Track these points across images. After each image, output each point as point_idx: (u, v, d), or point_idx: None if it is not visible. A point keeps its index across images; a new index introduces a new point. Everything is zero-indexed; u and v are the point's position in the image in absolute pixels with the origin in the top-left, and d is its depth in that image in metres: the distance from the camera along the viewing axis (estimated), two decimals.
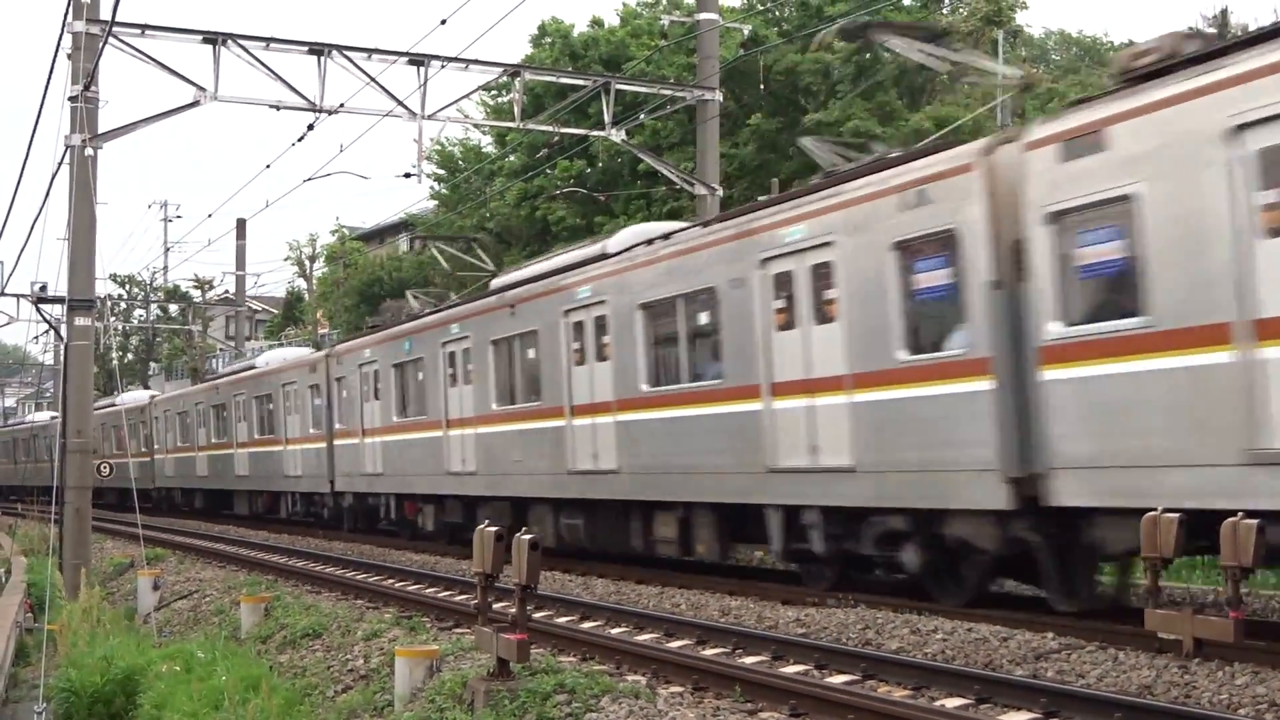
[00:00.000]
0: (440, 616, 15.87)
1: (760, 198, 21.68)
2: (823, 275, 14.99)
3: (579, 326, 20.12)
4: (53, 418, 52.02)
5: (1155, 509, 10.74)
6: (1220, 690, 9.65)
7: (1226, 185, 10.73)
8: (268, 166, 31.21)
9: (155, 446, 49.78)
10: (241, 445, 38.92)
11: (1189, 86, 11.09)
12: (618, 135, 27.96)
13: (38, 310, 35.44)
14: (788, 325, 15.58)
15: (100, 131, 24.58)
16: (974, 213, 12.90)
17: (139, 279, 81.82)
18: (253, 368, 39.57)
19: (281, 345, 68.67)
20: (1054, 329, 12.20)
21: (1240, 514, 10.18)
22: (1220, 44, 11.71)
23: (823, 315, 15.01)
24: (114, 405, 54.73)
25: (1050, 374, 12.23)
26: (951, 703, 9.82)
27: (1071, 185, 11.93)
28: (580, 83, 29.83)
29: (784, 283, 15.74)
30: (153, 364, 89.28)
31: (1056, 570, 12.91)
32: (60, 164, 25.24)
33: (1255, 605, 14.04)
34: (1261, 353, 10.53)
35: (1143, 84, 11.62)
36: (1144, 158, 11.35)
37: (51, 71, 35.20)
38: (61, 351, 31.14)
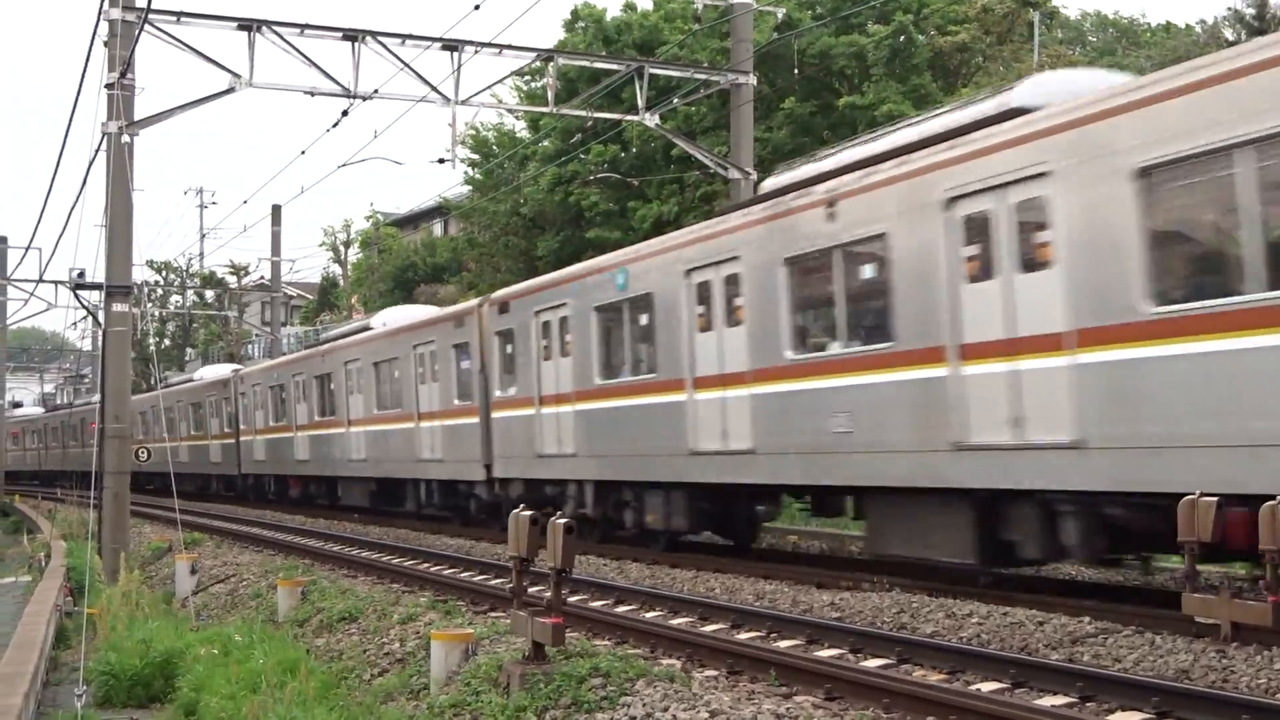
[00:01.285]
0: (476, 600, 15.93)
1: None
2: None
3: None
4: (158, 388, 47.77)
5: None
6: (1259, 674, 9.59)
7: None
8: (303, 153, 31.35)
9: (242, 427, 44.08)
10: (356, 423, 32.91)
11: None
12: (651, 120, 27.90)
13: (76, 297, 35.74)
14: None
15: (137, 119, 24.68)
16: None
17: (175, 265, 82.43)
18: (367, 328, 33.82)
19: (318, 329, 69.03)
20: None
21: (1278, 498, 10.11)
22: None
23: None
24: (191, 381, 52.62)
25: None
26: (987, 687, 9.80)
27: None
28: (613, 67, 29.78)
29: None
30: (189, 349, 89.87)
31: None
32: (97, 151, 25.38)
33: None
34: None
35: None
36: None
37: (88, 59, 35.42)
38: (99, 338, 31.29)
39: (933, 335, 13.91)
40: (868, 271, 15.33)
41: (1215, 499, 10.50)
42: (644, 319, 19.91)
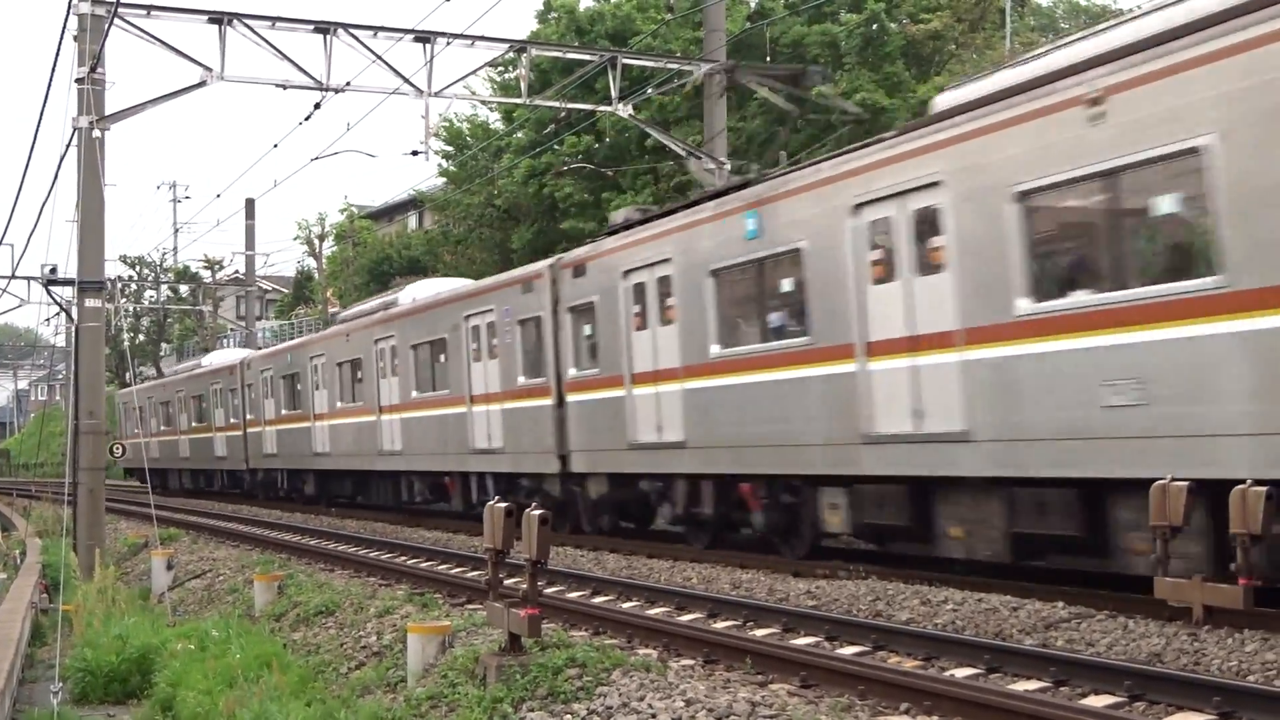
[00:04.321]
0: (452, 593, 15.93)
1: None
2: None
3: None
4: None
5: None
6: (1230, 657, 9.67)
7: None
8: (275, 146, 31.33)
9: (250, 417, 40.35)
10: (390, 410, 29.04)
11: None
12: (625, 110, 27.90)
13: (48, 293, 35.55)
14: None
15: (107, 113, 24.56)
16: None
17: (149, 260, 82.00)
18: (393, 304, 30.21)
19: (292, 323, 68.79)
20: None
21: (1249, 481, 10.18)
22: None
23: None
24: (198, 368, 49.95)
25: None
26: (961, 673, 9.85)
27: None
28: (587, 58, 29.75)
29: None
30: (164, 345, 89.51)
31: None
32: (68, 146, 25.25)
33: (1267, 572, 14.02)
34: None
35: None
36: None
37: (58, 54, 35.06)
38: (72, 334, 31.18)
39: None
40: None
41: (1186, 484, 10.57)
42: (789, 275, 16.23)
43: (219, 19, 24.04)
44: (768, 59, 33.52)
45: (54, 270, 33.44)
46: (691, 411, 17.89)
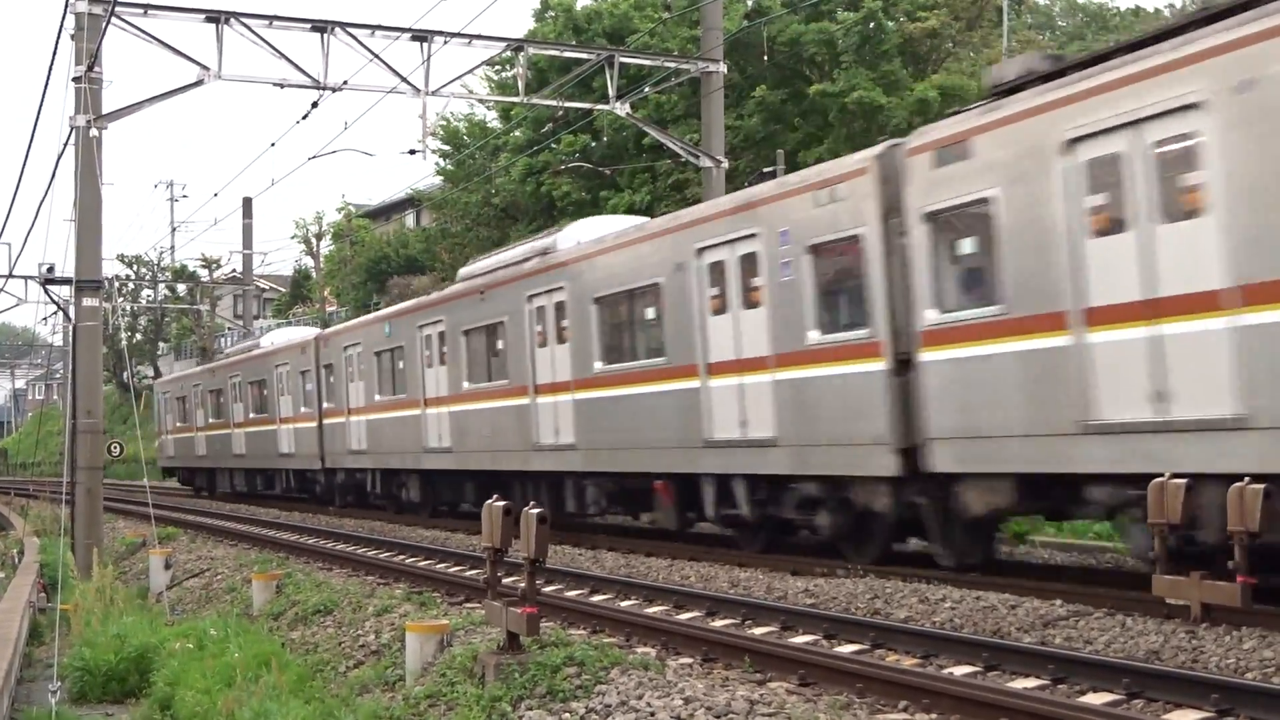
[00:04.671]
0: (450, 591, 15.93)
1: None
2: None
3: None
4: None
5: None
6: (1228, 654, 9.68)
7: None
8: (272, 145, 31.38)
9: (328, 405, 33.11)
10: (553, 389, 21.60)
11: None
12: (622, 109, 27.89)
13: (45, 292, 35.46)
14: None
15: (105, 112, 24.54)
16: None
17: (146, 259, 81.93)
18: (553, 247, 22.57)
19: (290, 324, 68.73)
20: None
21: (1247, 479, 10.20)
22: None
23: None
24: (256, 348, 40.91)
25: None
26: (960, 670, 9.86)
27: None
28: (584, 56, 29.74)
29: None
30: (161, 344, 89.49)
31: None
32: (65, 145, 25.22)
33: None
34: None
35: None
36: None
37: (55, 53, 35.03)
38: (70, 333, 31.15)
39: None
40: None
41: (1185, 481, 10.58)
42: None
43: (216, 18, 24.04)
44: (765, 57, 33.56)
45: (51, 269, 33.39)
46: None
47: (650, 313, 19.19)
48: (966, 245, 13.85)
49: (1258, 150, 10.71)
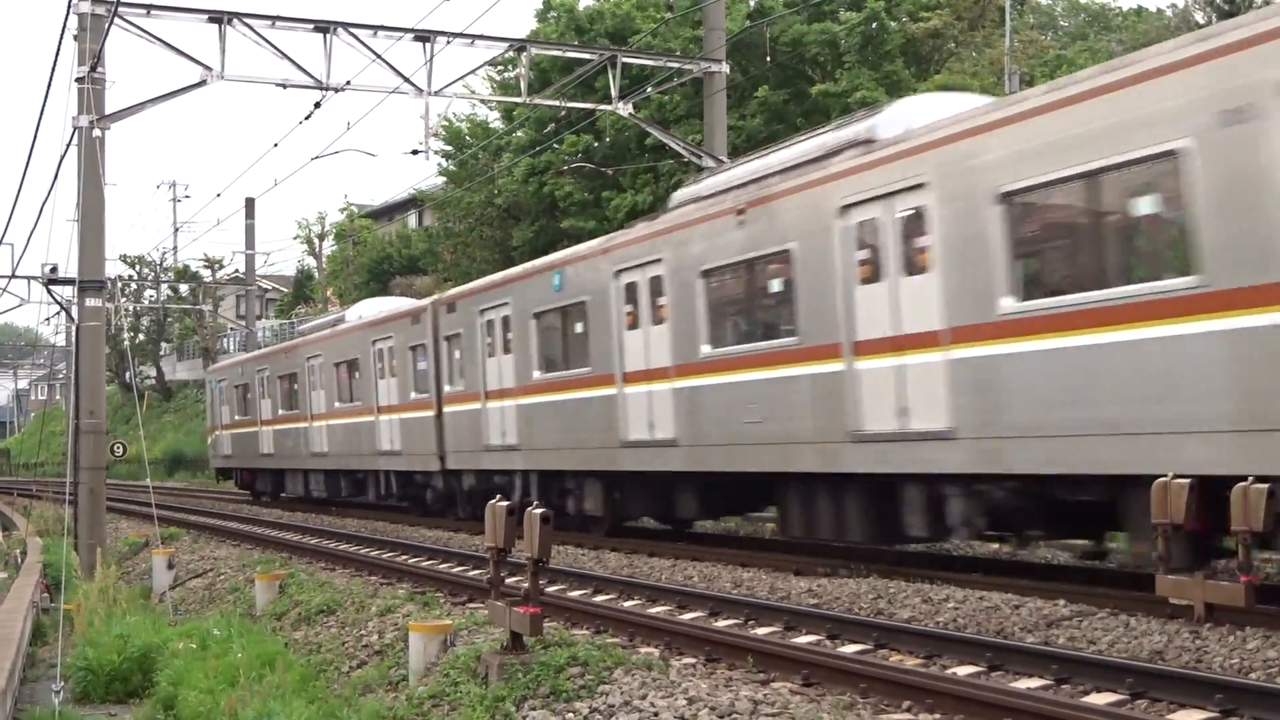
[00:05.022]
0: (453, 591, 15.93)
1: None
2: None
3: None
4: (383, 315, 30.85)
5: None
6: (1232, 654, 9.68)
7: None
8: (275, 145, 31.27)
9: (451, 388, 25.92)
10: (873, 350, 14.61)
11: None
12: (624, 109, 27.88)
13: (48, 292, 35.48)
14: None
15: (108, 112, 24.56)
16: None
17: (149, 259, 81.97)
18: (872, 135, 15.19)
19: (292, 322, 68.66)
20: None
21: (1251, 479, 10.18)
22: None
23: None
24: (342, 323, 33.94)
25: None
26: (963, 671, 9.85)
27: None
28: (586, 56, 29.74)
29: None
30: (164, 344, 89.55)
31: None
32: (68, 146, 25.23)
33: (1269, 569, 14.04)
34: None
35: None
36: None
37: (58, 53, 35.15)
38: (72, 333, 31.14)
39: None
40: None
41: (1188, 480, 10.58)
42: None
43: (219, 18, 24.06)
44: (768, 58, 33.56)
45: (54, 269, 33.39)
46: None
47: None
48: None
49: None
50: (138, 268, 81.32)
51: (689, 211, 18.13)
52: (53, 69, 28.77)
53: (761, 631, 12.01)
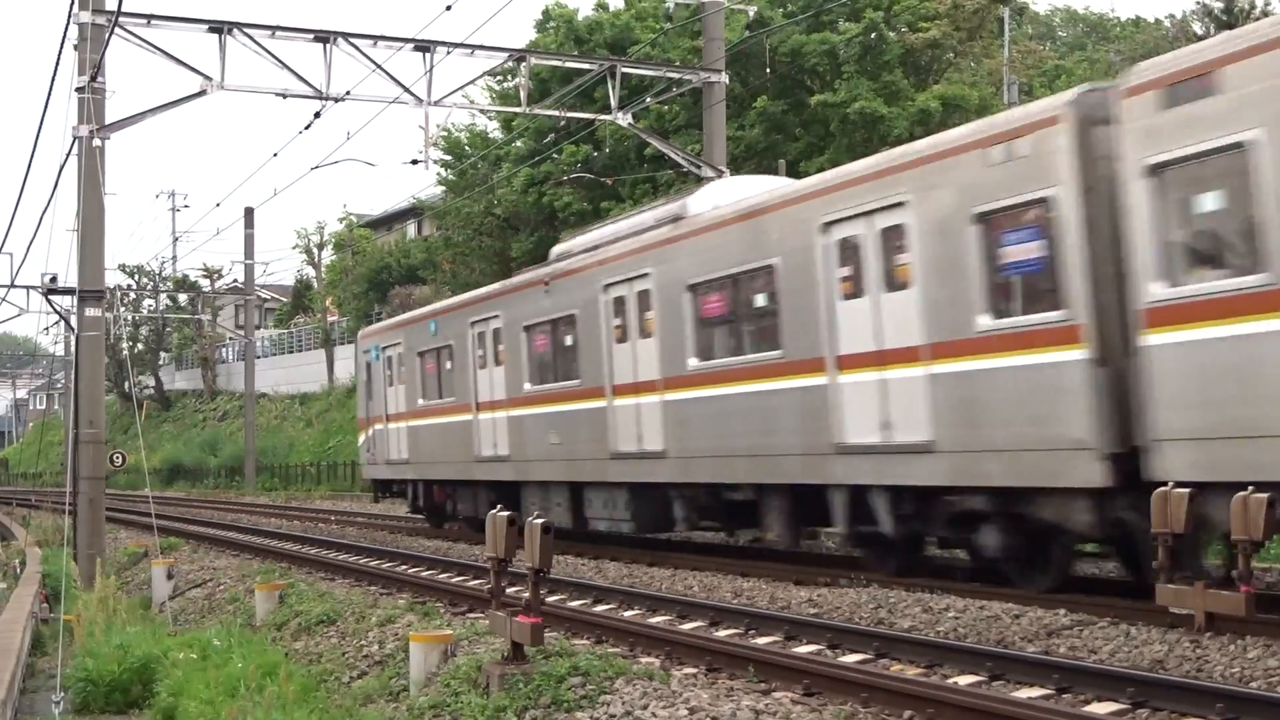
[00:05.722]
0: (454, 601, 15.93)
1: None
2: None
3: None
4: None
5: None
6: (1232, 664, 9.68)
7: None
8: (275, 155, 31.43)
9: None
10: None
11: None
12: (624, 119, 27.90)
13: (48, 301, 35.48)
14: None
15: (108, 122, 24.59)
16: None
17: (148, 269, 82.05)
18: None
19: (291, 331, 68.54)
20: None
21: (1251, 488, 10.19)
22: None
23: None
24: (682, 219, 18.64)
25: None
26: (964, 680, 9.85)
27: None
28: (586, 67, 29.79)
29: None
30: (163, 354, 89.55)
31: None
32: (68, 155, 25.27)
33: (1269, 579, 14.05)
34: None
35: None
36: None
37: (58, 63, 35.32)
38: (72, 342, 31.17)
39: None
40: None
41: (1189, 490, 10.58)
42: None
43: (219, 28, 24.08)
44: (767, 68, 33.60)
45: (54, 279, 33.44)
46: None
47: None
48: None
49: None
50: (137, 277, 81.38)
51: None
52: (53, 79, 28.92)
53: (762, 641, 12.00)
